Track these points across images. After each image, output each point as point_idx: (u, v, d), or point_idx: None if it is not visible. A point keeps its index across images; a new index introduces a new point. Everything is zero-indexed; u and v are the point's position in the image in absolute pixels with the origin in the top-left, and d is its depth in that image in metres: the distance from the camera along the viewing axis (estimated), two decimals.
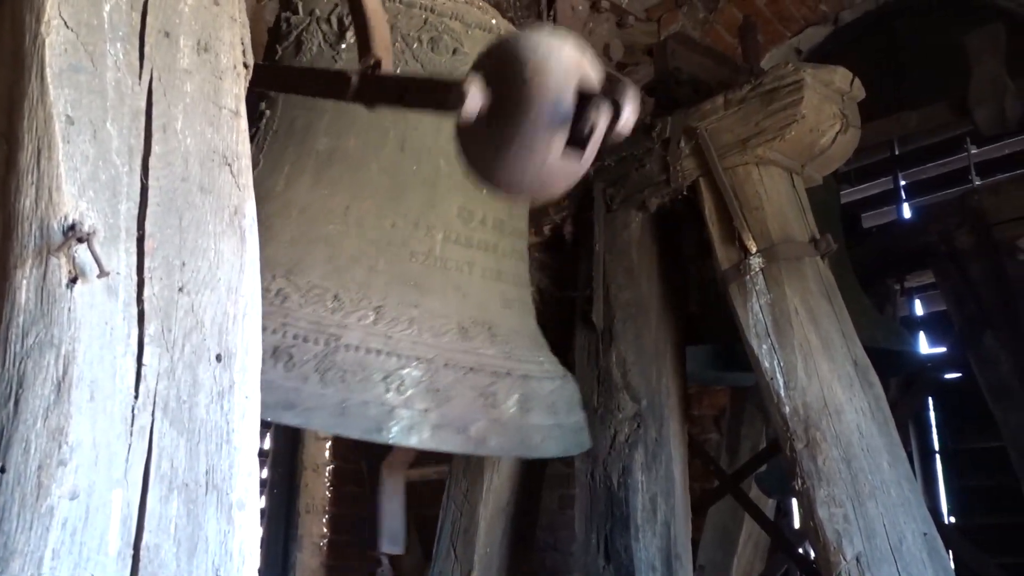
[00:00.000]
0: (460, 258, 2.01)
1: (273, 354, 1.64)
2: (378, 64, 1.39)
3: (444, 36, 2.05)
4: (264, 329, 1.42)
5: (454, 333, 1.92)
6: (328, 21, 2.04)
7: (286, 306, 1.76)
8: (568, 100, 0.94)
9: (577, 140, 0.93)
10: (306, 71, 1.62)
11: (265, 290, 1.62)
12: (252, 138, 1.96)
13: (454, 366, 1.86)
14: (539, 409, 2.00)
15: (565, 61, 0.95)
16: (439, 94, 1.09)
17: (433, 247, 1.92)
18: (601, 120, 0.91)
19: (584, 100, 0.93)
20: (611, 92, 0.91)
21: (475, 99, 0.97)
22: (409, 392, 1.75)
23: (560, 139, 0.93)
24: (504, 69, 0.97)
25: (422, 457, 1.92)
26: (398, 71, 1.99)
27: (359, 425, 1.68)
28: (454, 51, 2.06)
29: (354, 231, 1.93)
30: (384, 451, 1.79)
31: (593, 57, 0.99)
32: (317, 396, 1.67)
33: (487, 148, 0.98)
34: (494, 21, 2.14)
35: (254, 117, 1.99)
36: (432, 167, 1.98)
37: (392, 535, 1.76)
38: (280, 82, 1.67)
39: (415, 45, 2.03)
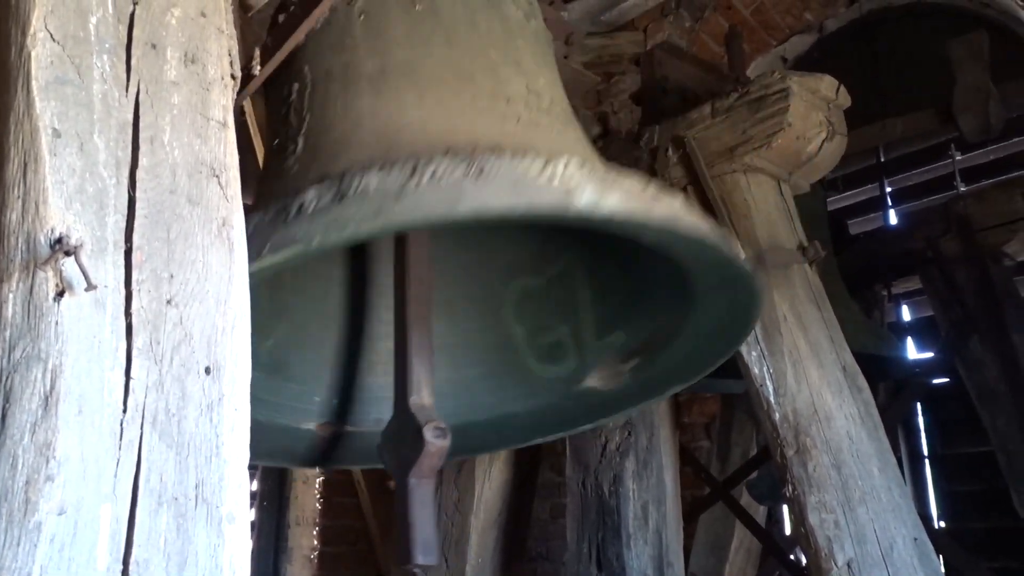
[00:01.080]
0: (551, 125, 1.86)
1: (412, 174, 1.41)
2: None
3: None
4: (389, 168, 1.39)
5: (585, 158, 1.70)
6: None
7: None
8: None
9: None
10: None
11: (366, 168, 1.46)
12: (289, 110, 1.85)
13: (604, 170, 1.63)
14: (706, 217, 1.80)
15: None
16: None
17: (520, 113, 1.78)
18: None
19: None
20: None
21: None
22: (577, 176, 1.46)
23: None
24: None
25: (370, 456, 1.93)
26: None
27: (542, 201, 1.44)
28: None
29: (438, 112, 1.75)
30: (410, 461, 1.76)
31: None
32: (483, 188, 1.41)
33: None
34: None
35: (284, 96, 1.91)
36: (485, 57, 1.83)
37: (425, 545, 1.73)
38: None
39: None
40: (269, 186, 1.79)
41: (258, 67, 1.67)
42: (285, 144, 1.80)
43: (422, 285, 1.86)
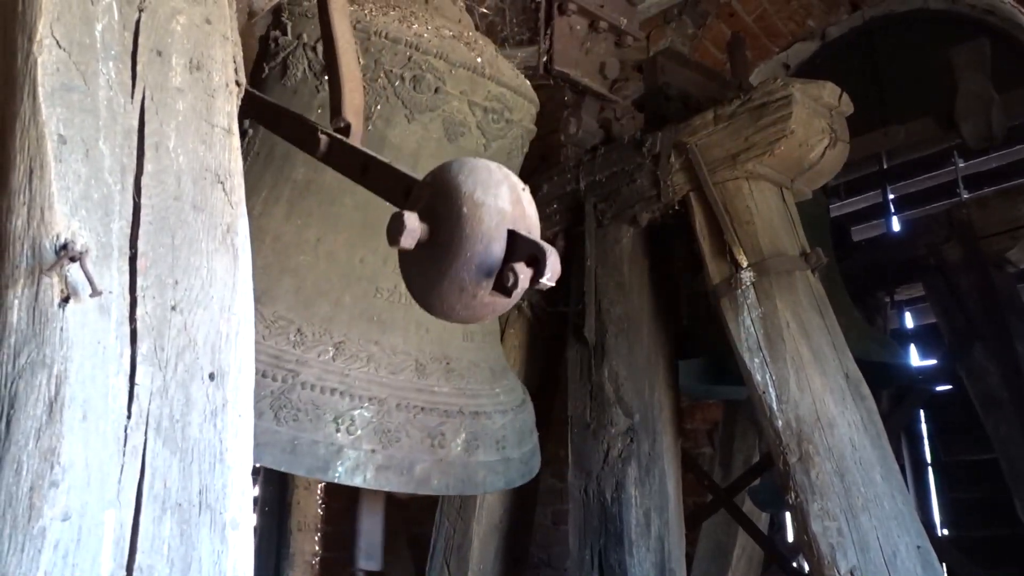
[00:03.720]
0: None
1: None
2: (347, 128, 1.42)
3: (427, 75, 2.06)
4: None
5: (411, 370, 1.99)
6: (315, 49, 2.04)
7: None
8: (497, 250, 1.00)
9: (502, 288, 1.00)
10: (283, 112, 1.62)
11: None
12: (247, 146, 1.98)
13: (405, 406, 1.94)
14: (486, 446, 2.07)
15: (500, 206, 1.02)
16: (394, 187, 1.20)
17: (399, 283, 1.94)
18: (523, 278, 0.98)
19: (512, 250, 1.00)
20: (535, 250, 0.98)
21: (412, 233, 1.03)
22: (358, 432, 1.83)
23: (488, 283, 1.01)
24: (441, 204, 1.04)
25: None
26: (378, 107, 2.00)
27: (307, 463, 1.76)
28: (436, 89, 2.07)
29: (323, 264, 1.99)
30: None
31: (527, 197, 1.06)
32: (271, 433, 1.74)
33: (423, 277, 1.06)
34: (479, 60, 2.14)
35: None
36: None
37: (369, 551, 1.79)
38: (257, 113, 1.68)
39: (397, 83, 2.04)
40: None
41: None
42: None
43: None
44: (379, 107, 2.02)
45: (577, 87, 2.89)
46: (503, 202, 1.02)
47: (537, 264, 0.97)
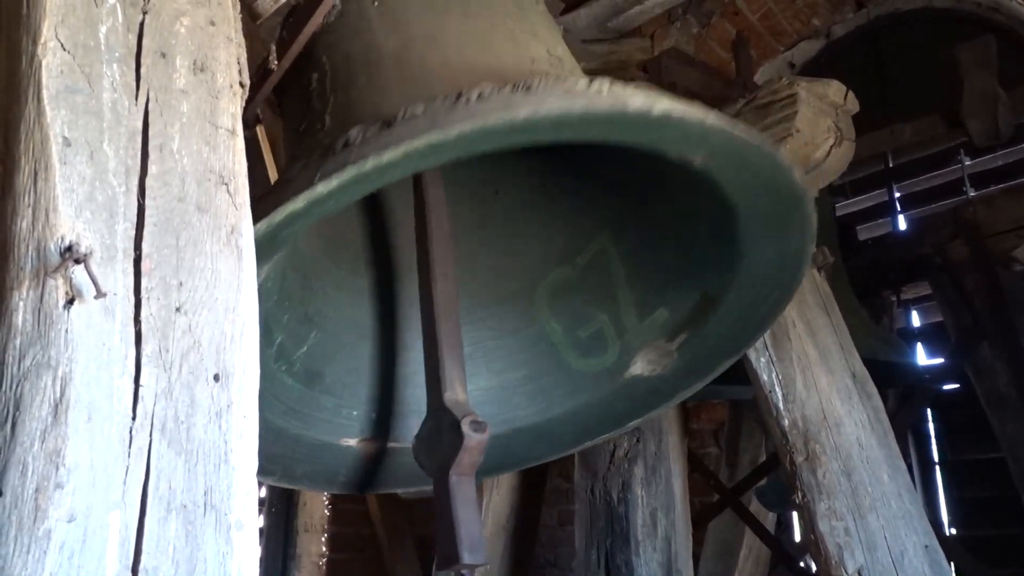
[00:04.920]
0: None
1: (458, 99, 1.35)
2: None
3: None
4: (431, 99, 1.32)
5: None
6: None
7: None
8: None
9: None
10: None
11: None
12: (310, 97, 1.79)
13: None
14: None
15: None
16: None
17: (548, 70, 1.68)
18: None
19: None
20: None
21: None
22: (620, 91, 1.42)
23: None
24: None
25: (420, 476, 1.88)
26: None
27: (596, 104, 1.38)
28: None
29: (465, 73, 1.67)
30: (449, 459, 1.71)
31: None
32: (535, 98, 1.34)
33: None
34: None
35: (304, 85, 1.84)
36: (503, 28, 1.79)
37: (472, 544, 1.68)
38: None
39: None
40: (301, 151, 1.73)
41: (275, 62, 1.67)
42: (312, 124, 1.74)
43: (448, 280, 1.80)
44: None
45: None
46: None
47: None
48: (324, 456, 2.04)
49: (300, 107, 1.85)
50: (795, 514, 3.68)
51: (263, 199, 1.39)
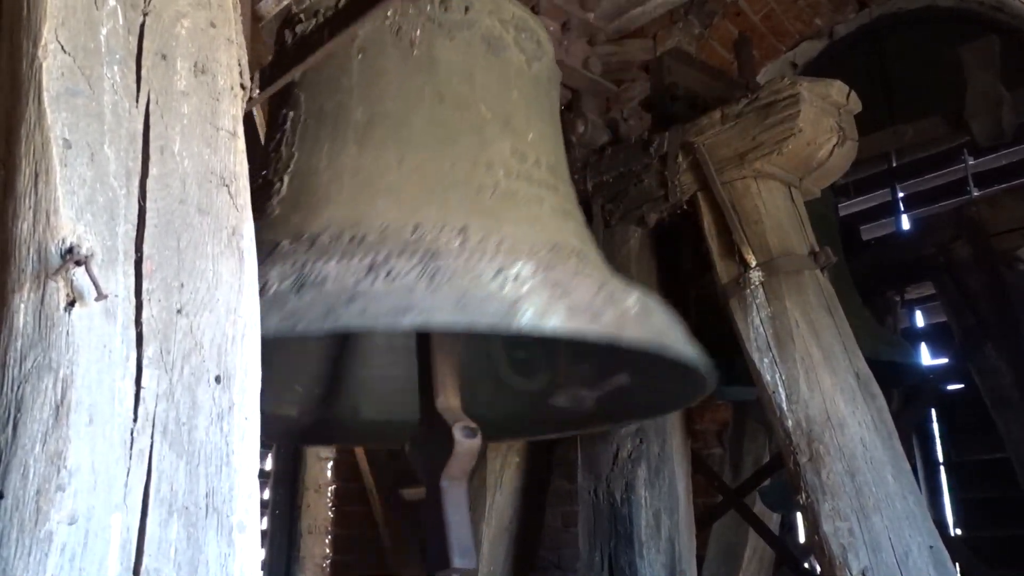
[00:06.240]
0: (529, 193, 1.90)
1: (368, 272, 1.52)
2: None
3: None
4: (350, 257, 1.51)
5: (547, 250, 1.78)
6: None
7: (368, 240, 1.63)
8: None
9: None
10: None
11: (336, 238, 1.63)
12: (281, 140, 1.93)
13: (562, 268, 1.73)
14: (660, 314, 1.85)
15: None
16: None
17: (499, 181, 1.82)
18: None
19: None
20: None
21: None
22: (527, 284, 1.60)
23: None
24: None
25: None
26: (418, 32, 1.95)
27: (485, 317, 1.52)
28: (466, 9, 1.99)
29: (415, 178, 1.83)
30: (441, 463, 1.73)
31: None
32: (430, 297, 1.52)
33: None
34: None
35: (278, 122, 1.96)
36: (475, 114, 1.91)
37: (462, 548, 1.70)
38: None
39: (428, 7, 1.97)
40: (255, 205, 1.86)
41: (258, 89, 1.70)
42: (271, 180, 1.87)
43: None
44: (419, 32, 1.95)
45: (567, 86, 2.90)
46: None
47: None
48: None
49: (271, 139, 1.98)
50: (799, 515, 3.66)
51: None
